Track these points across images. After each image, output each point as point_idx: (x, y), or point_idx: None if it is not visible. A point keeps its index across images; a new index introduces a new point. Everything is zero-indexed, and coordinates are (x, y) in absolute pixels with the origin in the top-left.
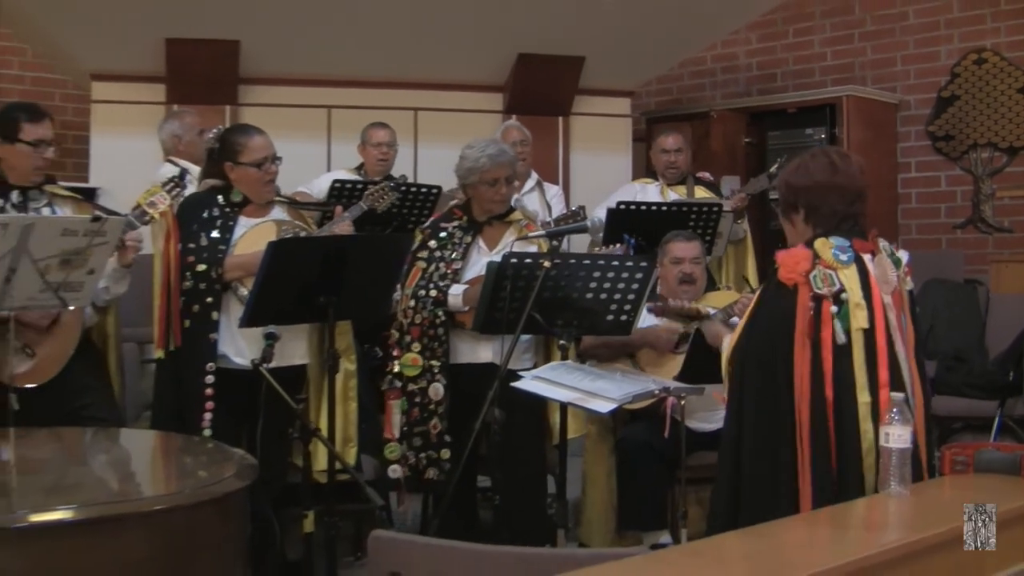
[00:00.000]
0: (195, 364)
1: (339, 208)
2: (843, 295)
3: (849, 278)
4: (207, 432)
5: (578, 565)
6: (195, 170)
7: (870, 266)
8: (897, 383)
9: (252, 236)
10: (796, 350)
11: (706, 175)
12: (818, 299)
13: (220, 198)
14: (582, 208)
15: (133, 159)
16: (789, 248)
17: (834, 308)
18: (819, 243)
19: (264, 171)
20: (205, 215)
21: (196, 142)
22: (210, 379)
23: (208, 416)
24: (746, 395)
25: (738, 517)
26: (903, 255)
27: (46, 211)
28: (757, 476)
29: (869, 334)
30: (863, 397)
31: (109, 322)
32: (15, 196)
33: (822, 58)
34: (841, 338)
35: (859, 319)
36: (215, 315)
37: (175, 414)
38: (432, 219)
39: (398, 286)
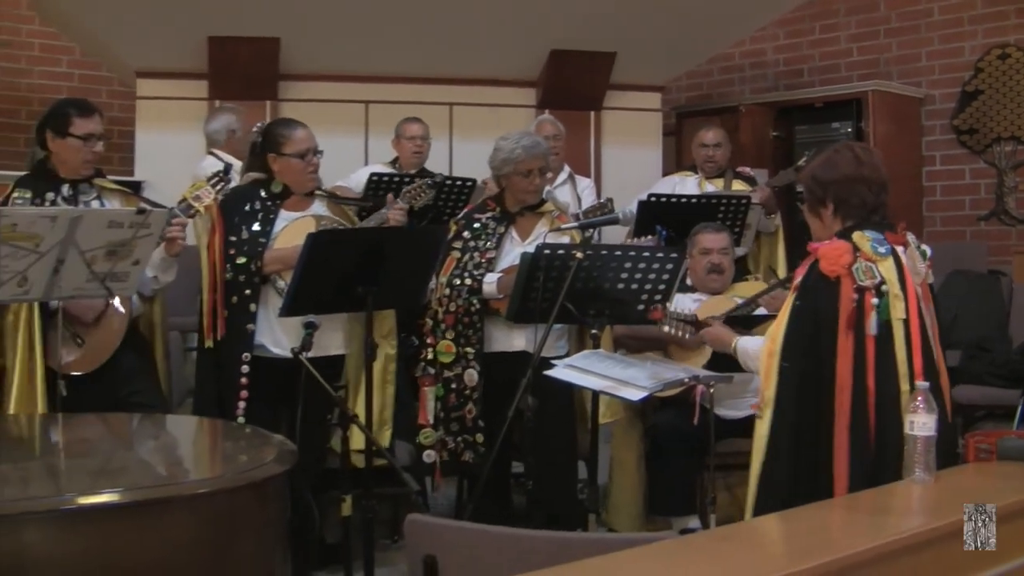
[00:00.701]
0: (232, 354)
1: (390, 196)
2: (883, 287)
3: (887, 270)
4: (241, 419)
5: (610, 549)
6: (238, 165)
7: (903, 258)
8: (930, 372)
9: (292, 230)
10: (839, 339)
11: (745, 169)
12: (861, 291)
13: (262, 191)
14: (610, 200)
15: (176, 153)
16: (815, 240)
17: (875, 300)
18: (857, 236)
19: (307, 162)
20: (247, 208)
21: (246, 139)
22: (245, 368)
23: (242, 404)
24: (788, 385)
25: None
26: (926, 248)
27: (95, 204)
28: (795, 464)
29: (905, 324)
30: (904, 386)
31: (155, 311)
32: (66, 189)
33: (848, 54)
34: (874, 329)
35: (898, 310)
36: (253, 307)
37: (215, 401)
38: (465, 210)
39: (433, 275)
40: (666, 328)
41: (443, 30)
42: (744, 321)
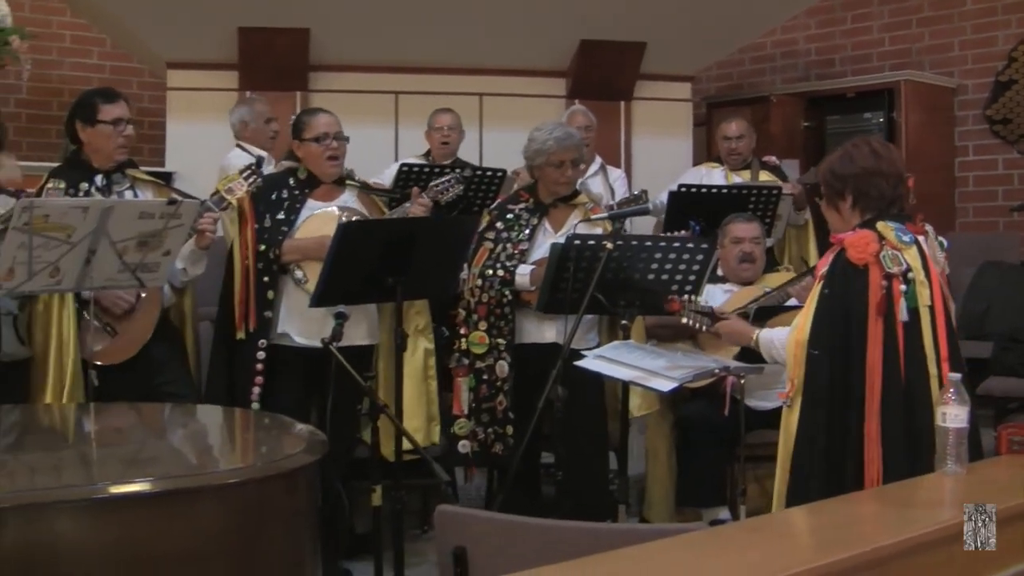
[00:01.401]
0: (249, 340)
1: (416, 189)
2: (910, 274)
3: (912, 257)
4: (255, 405)
5: (639, 540)
6: (264, 155)
7: (925, 247)
8: (956, 357)
9: (314, 221)
10: (869, 326)
11: (771, 159)
12: (889, 278)
13: (291, 180)
14: (644, 192)
15: (207, 144)
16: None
17: (903, 287)
18: (881, 225)
19: (324, 146)
20: (274, 197)
21: (263, 130)
22: (261, 355)
23: (256, 391)
24: (818, 373)
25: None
26: (943, 240)
27: (128, 194)
28: (826, 453)
29: (931, 310)
30: (933, 369)
31: (186, 302)
32: (99, 180)
33: (880, 43)
34: (904, 315)
35: (924, 296)
36: (270, 294)
37: (227, 388)
38: (499, 201)
39: (465, 266)
40: (684, 320)
41: (473, 20)
42: (761, 314)
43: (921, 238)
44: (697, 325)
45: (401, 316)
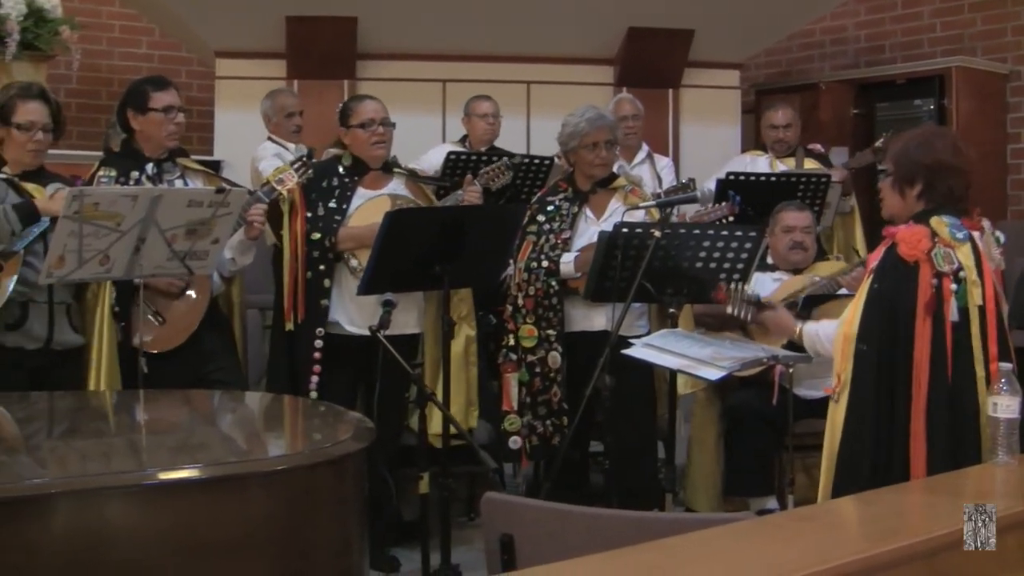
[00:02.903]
0: (306, 329)
1: (468, 176)
2: (961, 273)
3: (965, 256)
4: (313, 394)
5: (687, 529)
6: (290, 148)
7: (979, 244)
8: (1004, 356)
9: (367, 209)
10: (917, 325)
11: (816, 147)
12: (939, 276)
13: (340, 167)
14: (692, 180)
15: (255, 133)
16: (887, 219)
17: (954, 286)
18: (935, 221)
19: (370, 132)
20: (324, 184)
21: (284, 124)
22: (319, 343)
23: (315, 379)
24: (865, 368)
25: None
26: (1000, 235)
27: (179, 183)
28: (873, 448)
29: (981, 311)
30: (980, 371)
31: (234, 291)
32: (150, 168)
33: (931, 29)
34: (955, 315)
35: (975, 296)
36: (327, 283)
37: (288, 377)
38: (539, 195)
39: (510, 260)
40: (729, 309)
41: (520, 8)
42: (809, 302)
43: (976, 234)
44: (742, 315)
45: (448, 304)
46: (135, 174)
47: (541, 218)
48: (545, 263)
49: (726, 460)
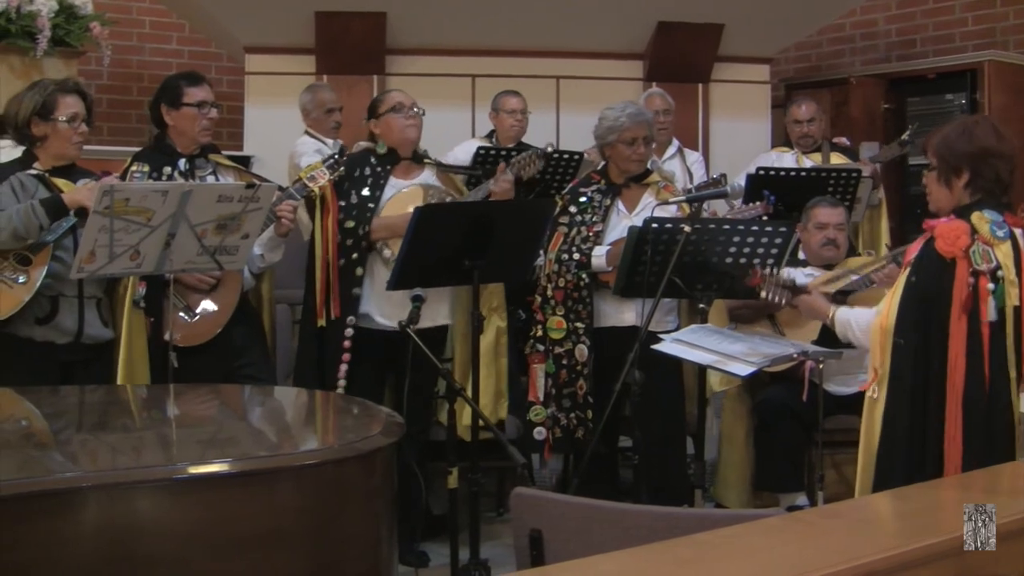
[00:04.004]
0: (337, 319)
1: (502, 165)
2: (999, 272)
3: (1004, 254)
4: (342, 383)
5: (717, 525)
6: (328, 143)
7: (1021, 241)
8: None
9: (400, 199)
10: (952, 323)
11: (842, 140)
12: (976, 275)
13: (373, 158)
14: (723, 176)
15: (284, 128)
16: (935, 212)
17: (991, 285)
18: (976, 217)
19: (404, 114)
20: (357, 174)
21: (323, 120)
22: (350, 332)
23: (344, 368)
24: (903, 363)
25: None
26: None
27: (210, 179)
28: (913, 444)
29: (1016, 311)
30: (1013, 372)
31: (264, 286)
32: (182, 163)
33: (963, 23)
34: (993, 315)
35: (1013, 296)
36: (359, 271)
37: (316, 369)
38: (571, 185)
39: (541, 251)
40: (763, 294)
41: (550, 3)
42: (840, 295)
43: (1018, 231)
44: (776, 299)
45: (478, 299)
46: (167, 169)
47: (573, 209)
48: (576, 255)
49: (756, 456)
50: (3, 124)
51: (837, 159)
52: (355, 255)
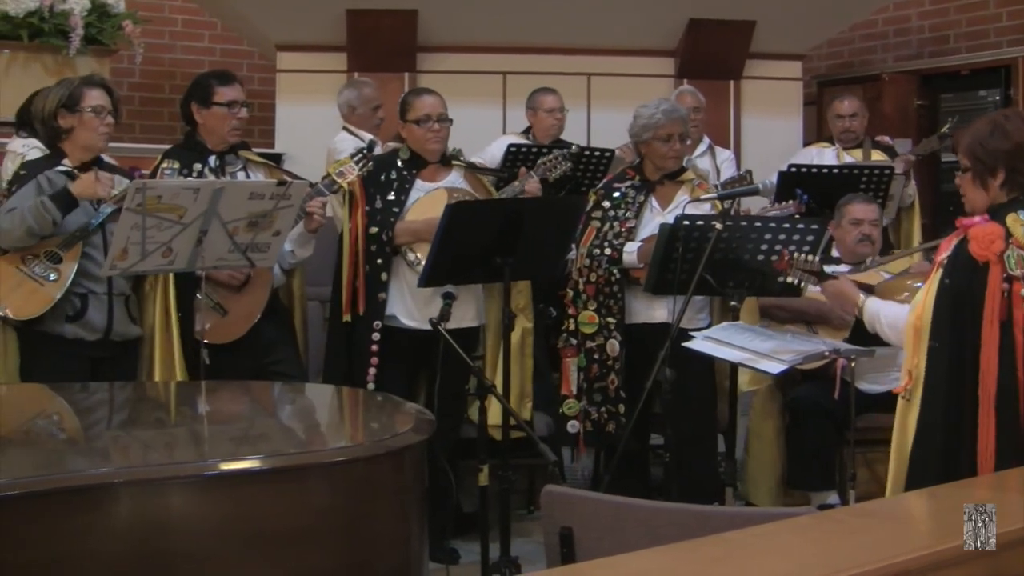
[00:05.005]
0: (364, 322)
1: (523, 169)
2: None
3: None
4: (371, 386)
5: (748, 523)
6: (366, 139)
7: None
8: None
9: (425, 203)
10: (984, 328)
11: (884, 138)
12: (1010, 280)
13: (399, 160)
14: (749, 172)
15: (316, 126)
16: (969, 212)
17: None
18: (1011, 219)
19: (426, 128)
20: (383, 178)
21: (369, 116)
22: (376, 336)
23: (373, 371)
24: (938, 367)
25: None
26: None
27: (241, 175)
28: (947, 448)
29: None
30: None
31: (295, 283)
32: (213, 161)
33: (997, 19)
34: None
35: None
36: (384, 276)
37: (346, 370)
38: (605, 180)
39: (573, 246)
40: (789, 279)
41: (581, 0)
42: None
43: None
44: (802, 284)
45: (509, 296)
46: (198, 166)
47: (606, 204)
48: (608, 250)
49: (788, 454)
50: (31, 120)
51: (878, 157)
52: (380, 260)
